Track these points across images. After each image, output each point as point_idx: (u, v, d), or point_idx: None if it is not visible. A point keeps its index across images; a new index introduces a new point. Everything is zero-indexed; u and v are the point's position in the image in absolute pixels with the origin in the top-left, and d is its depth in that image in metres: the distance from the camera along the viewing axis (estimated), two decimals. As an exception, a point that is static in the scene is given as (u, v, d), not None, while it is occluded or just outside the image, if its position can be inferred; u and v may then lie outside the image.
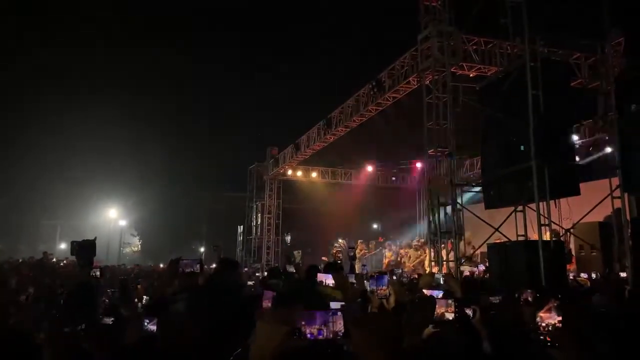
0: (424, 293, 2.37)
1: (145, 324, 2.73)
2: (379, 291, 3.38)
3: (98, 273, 6.11)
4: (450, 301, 2.22)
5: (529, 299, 2.98)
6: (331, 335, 1.30)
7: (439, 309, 2.21)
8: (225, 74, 52.04)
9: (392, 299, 3.34)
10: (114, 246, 33.72)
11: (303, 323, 1.30)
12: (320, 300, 3.31)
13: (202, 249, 35.79)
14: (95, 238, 6.10)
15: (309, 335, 1.31)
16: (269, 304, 2.55)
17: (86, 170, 39.60)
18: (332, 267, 5.29)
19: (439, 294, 2.30)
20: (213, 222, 35.74)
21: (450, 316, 2.20)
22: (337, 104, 16.37)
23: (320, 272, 4.57)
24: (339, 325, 1.33)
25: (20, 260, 17.26)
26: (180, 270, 3.87)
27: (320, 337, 1.31)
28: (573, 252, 11.16)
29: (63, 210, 41.01)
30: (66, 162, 39.62)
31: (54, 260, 18.16)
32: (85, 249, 5.77)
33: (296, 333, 1.27)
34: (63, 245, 40.34)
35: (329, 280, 3.87)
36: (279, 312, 1.29)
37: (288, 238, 8.60)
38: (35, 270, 13.90)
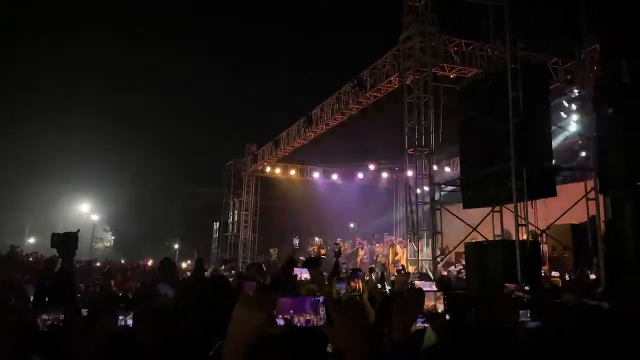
0: (414, 285, 2.35)
1: (120, 319, 2.66)
2: (352, 284, 3.36)
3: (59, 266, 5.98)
4: (439, 294, 2.20)
5: (517, 293, 3.00)
6: (319, 323, 1.26)
7: (429, 302, 2.18)
8: (204, 69, 51.45)
9: (365, 296, 3.33)
10: (86, 241, 32.96)
11: (291, 311, 1.25)
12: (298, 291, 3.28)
13: (176, 246, 35.28)
14: (79, 231, 5.98)
15: (297, 325, 1.26)
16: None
17: (58, 164, 38.58)
18: (310, 262, 5.26)
19: (431, 285, 2.28)
20: (188, 218, 35.25)
21: (440, 308, 2.19)
22: (318, 102, 16.33)
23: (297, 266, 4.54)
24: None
25: (-13, 254, 16.70)
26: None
27: (309, 325, 1.26)
28: (546, 253, 11.37)
29: (33, 204, 39.97)
30: (37, 155, 38.58)
31: (22, 254, 17.66)
32: (67, 241, 5.64)
33: (276, 321, 1.22)
34: (32, 240, 39.33)
35: (304, 274, 3.84)
36: (257, 299, 1.24)
37: (296, 241, 8.40)
38: (2, 265, 13.48)
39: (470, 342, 2.46)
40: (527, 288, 3.04)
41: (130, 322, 2.51)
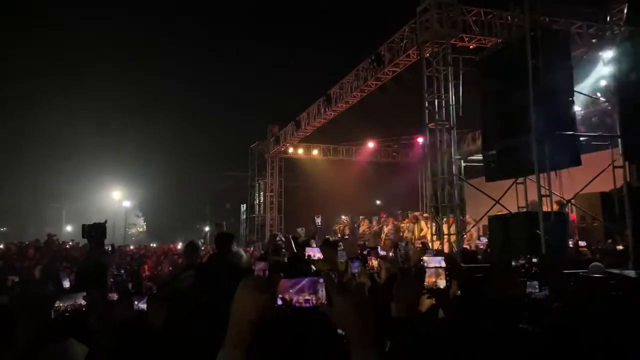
0: (422, 261, 2.37)
1: (135, 303, 2.80)
2: (369, 262, 3.39)
3: (109, 248, 6.32)
4: (440, 270, 2.23)
5: (527, 265, 3.00)
6: (318, 303, 1.28)
7: (431, 278, 2.21)
8: (225, 53, 51.58)
9: (382, 274, 3.36)
10: (119, 227, 33.94)
11: (291, 291, 1.27)
12: (309, 271, 3.33)
13: (206, 229, 36.02)
14: (106, 221, 6.26)
15: (296, 305, 1.28)
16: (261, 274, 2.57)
17: (90, 153, 39.69)
18: (326, 244, 5.30)
19: (440, 260, 2.29)
20: (216, 202, 35.91)
21: (442, 284, 2.21)
22: (337, 80, 16.20)
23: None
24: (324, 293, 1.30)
25: (27, 243, 17.41)
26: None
27: (307, 305, 1.28)
28: (574, 223, 11.15)
29: (68, 193, 41.29)
30: (71, 145, 39.73)
31: (60, 242, 18.32)
32: (96, 231, 5.93)
33: (277, 302, 1.24)
34: (69, 228, 40.76)
35: (317, 254, 3.88)
36: (259, 280, 1.26)
37: (318, 220, 8.37)
38: (41, 252, 14.04)
39: (478, 317, 2.48)
40: (534, 260, 3.02)
41: (144, 306, 2.64)
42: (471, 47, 11.58)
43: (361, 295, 1.28)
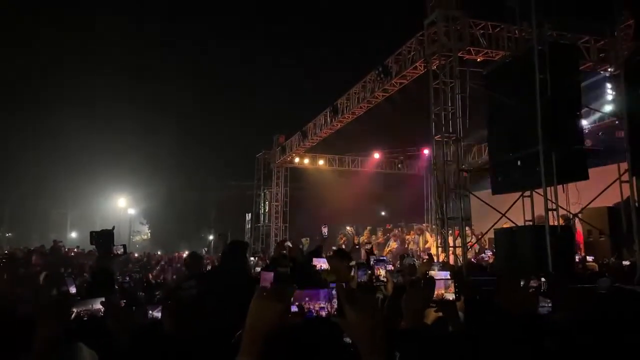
0: (428, 274, 2.37)
1: (150, 312, 2.82)
2: (377, 271, 3.40)
3: (122, 250, 6.35)
4: (449, 282, 2.23)
5: (535, 285, 2.98)
6: (333, 312, 1.30)
7: (439, 290, 2.22)
8: (232, 62, 51.96)
9: (389, 286, 3.36)
10: (124, 234, 34.02)
11: (307, 299, 1.29)
12: (320, 281, 3.34)
13: (210, 237, 36.02)
14: (114, 227, 6.33)
15: (311, 312, 1.30)
16: (267, 285, 2.58)
17: (95, 161, 39.95)
18: (339, 254, 5.29)
19: (446, 275, 2.30)
20: (221, 210, 35.92)
21: (450, 297, 2.22)
22: (344, 91, 16.29)
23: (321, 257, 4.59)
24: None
25: (33, 249, 17.46)
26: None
27: (323, 313, 1.30)
28: (581, 237, 11.09)
29: (73, 200, 41.51)
30: (75, 153, 40.00)
31: (65, 249, 18.37)
32: (104, 238, 6.01)
33: (291, 311, 1.26)
34: (73, 234, 40.90)
35: (323, 264, 3.89)
36: (274, 290, 1.28)
37: (325, 230, 8.32)
38: (47, 258, 14.07)
39: (486, 330, 2.48)
40: (542, 279, 3.00)
41: (158, 314, 2.67)
42: (478, 60, 11.63)
43: (373, 305, 1.29)
